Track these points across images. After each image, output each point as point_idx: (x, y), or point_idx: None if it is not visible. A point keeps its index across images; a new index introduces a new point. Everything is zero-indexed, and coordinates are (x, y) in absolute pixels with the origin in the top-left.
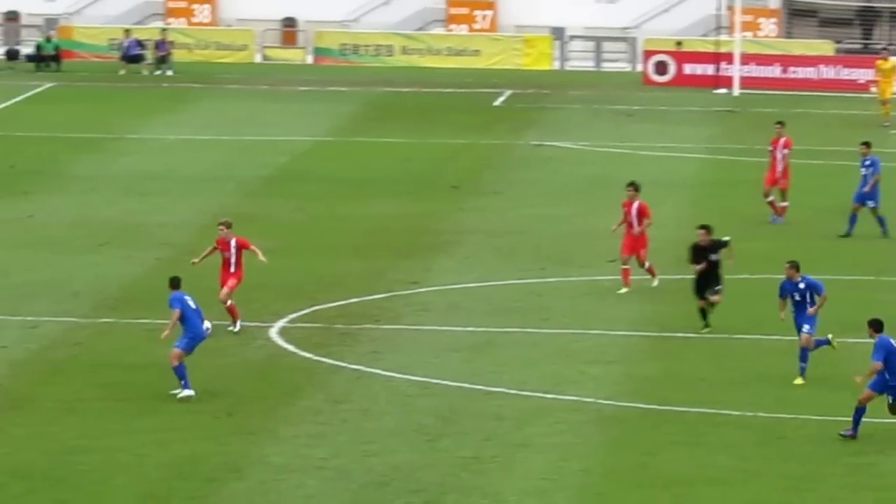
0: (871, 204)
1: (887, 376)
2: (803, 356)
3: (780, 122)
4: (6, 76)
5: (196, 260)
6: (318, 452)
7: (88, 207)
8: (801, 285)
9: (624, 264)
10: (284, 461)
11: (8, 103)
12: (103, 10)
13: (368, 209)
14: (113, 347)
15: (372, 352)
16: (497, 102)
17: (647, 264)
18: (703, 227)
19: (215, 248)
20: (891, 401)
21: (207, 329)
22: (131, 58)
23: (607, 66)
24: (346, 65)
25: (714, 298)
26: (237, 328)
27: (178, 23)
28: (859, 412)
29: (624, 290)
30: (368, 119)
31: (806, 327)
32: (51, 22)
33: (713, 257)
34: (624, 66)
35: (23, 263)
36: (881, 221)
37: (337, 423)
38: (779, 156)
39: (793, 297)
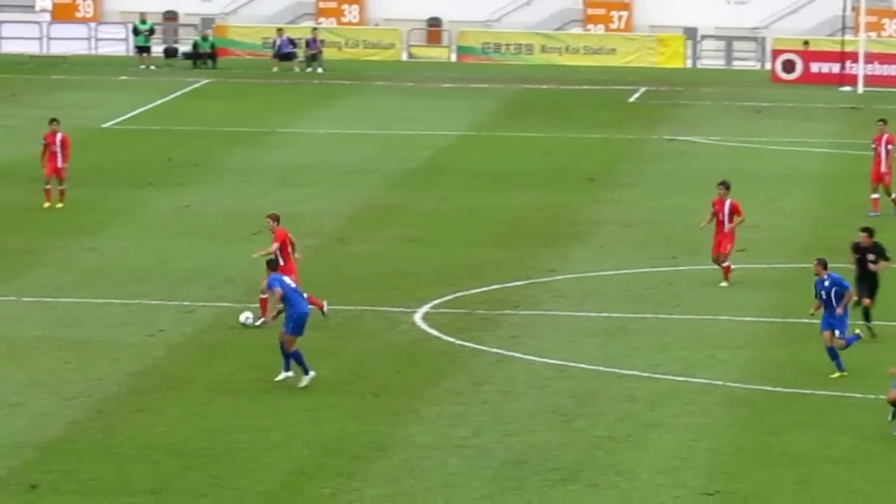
0: None
1: None
2: (832, 354)
3: (882, 120)
4: (165, 73)
5: (260, 253)
6: (460, 432)
7: (242, 198)
8: (826, 283)
9: (720, 263)
10: (428, 440)
11: (166, 99)
12: (257, 10)
13: (508, 200)
14: (264, 331)
15: (511, 336)
16: (632, 99)
17: (726, 263)
18: (866, 229)
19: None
20: None
21: (248, 318)
22: (284, 56)
23: (737, 65)
24: (488, 63)
25: (866, 302)
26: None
27: (328, 22)
28: None
29: (724, 284)
30: (509, 115)
31: (836, 332)
32: (207, 21)
33: (870, 258)
34: (753, 65)
35: (180, 251)
36: None
37: (478, 404)
38: (882, 152)
39: (820, 295)
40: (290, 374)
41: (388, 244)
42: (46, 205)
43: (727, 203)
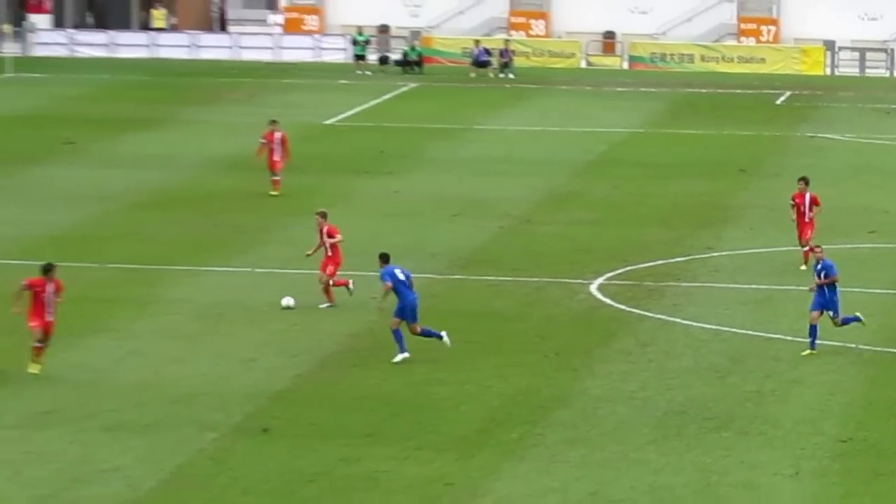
0: None
1: None
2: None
3: None
4: (378, 78)
5: (310, 252)
6: (629, 386)
7: (443, 185)
8: (819, 266)
9: (804, 247)
10: (601, 393)
11: (379, 100)
12: (458, 24)
13: (671, 188)
14: (463, 299)
15: (673, 304)
16: (778, 101)
17: (808, 246)
18: None
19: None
20: None
21: (289, 302)
22: (480, 63)
23: (869, 72)
24: (655, 70)
25: None
26: (325, 306)
27: (518, 35)
28: None
29: (803, 267)
30: (673, 114)
31: (830, 313)
32: (415, 34)
33: None
34: (883, 73)
35: (390, 230)
36: None
37: (644, 362)
38: None
39: (819, 276)
40: (407, 354)
41: (568, 225)
42: (274, 193)
43: (808, 196)
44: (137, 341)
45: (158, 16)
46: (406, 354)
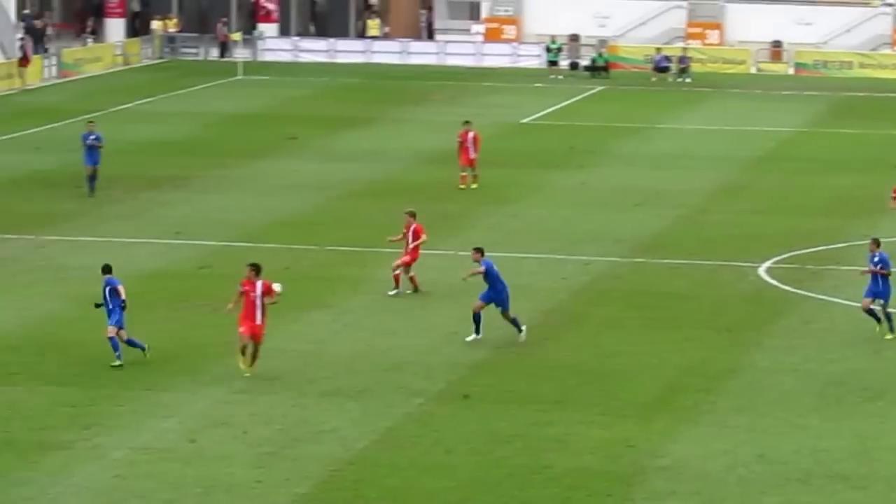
0: None
1: None
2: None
3: None
4: (569, 82)
5: (392, 238)
6: (793, 359)
7: (627, 177)
8: (876, 259)
9: None
10: (768, 365)
11: (569, 101)
12: (641, 33)
13: (832, 181)
14: (644, 280)
15: (833, 286)
16: None
17: None
18: None
19: (404, 234)
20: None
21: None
22: (661, 69)
23: None
24: (818, 76)
25: None
26: (392, 293)
27: (695, 43)
28: None
29: None
30: (834, 115)
31: (881, 301)
32: (602, 42)
33: None
34: None
35: (579, 217)
36: None
37: (807, 338)
38: None
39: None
40: (479, 336)
41: (739, 214)
42: (462, 187)
43: None
44: (352, 316)
45: (373, 25)
46: (479, 336)
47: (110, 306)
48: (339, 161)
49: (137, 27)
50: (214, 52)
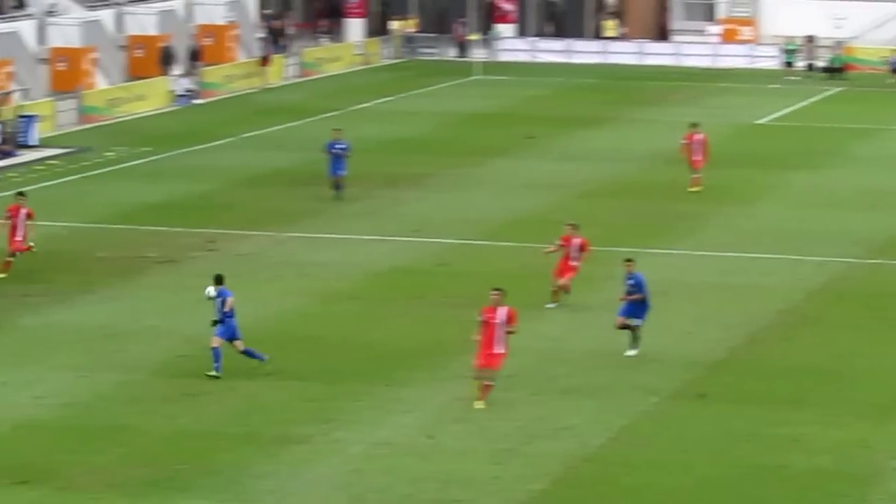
0: None
1: None
2: None
3: None
4: (805, 83)
5: (549, 250)
6: None
7: (863, 179)
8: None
9: None
10: None
11: (805, 103)
12: (877, 35)
13: None
14: (882, 281)
15: None
16: None
17: None
18: None
19: (561, 246)
20: None
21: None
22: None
23: None
24: None
25: None
26: (552, 306)
27: None
28: None
29: None
30: None
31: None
32: (839, 43)
33: None
34: None
35: (815, 218)
36: None
37: None
38: None
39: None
40: (635, 352)
41: None
42: (693, 189)
43: None
44: (589, 314)
45: (610, 26)
46: (634, 352)
47: (220, 317)
48: (575, 161)
49: (377, 28)
50: (452, 52)
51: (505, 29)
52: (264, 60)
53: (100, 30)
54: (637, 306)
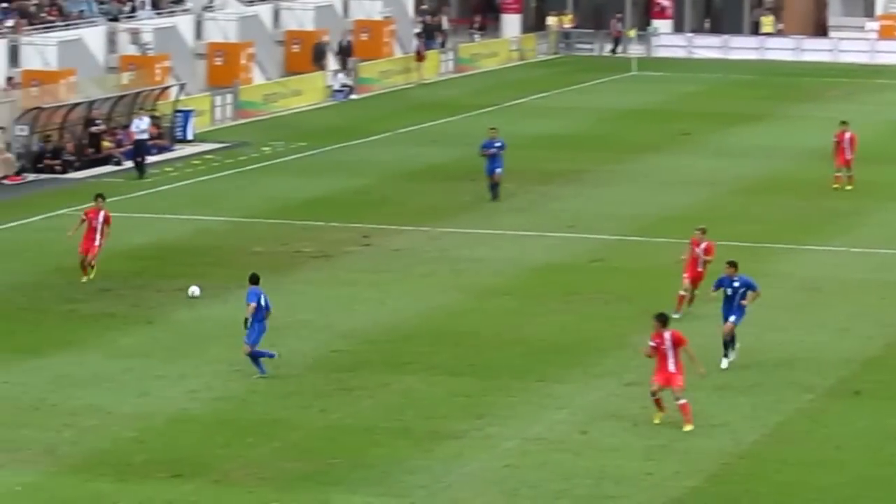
0: None
1: None
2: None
3: None
4: None
5: (683, 257)
6: None
7: None
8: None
9: None
10: None
11: None
12: None
13: None
14: None
15: None
16: None
17: None
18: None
19: (691, 251)
20: None
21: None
22: None
23: None
24: None
25: None
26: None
27: None
28: None
29: None
30: None
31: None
32: None
33: None
34: None
35: None
36: None
37: None
38: None
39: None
40: (729, 359)
41: None
42: (836, 186)
43: None
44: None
45: (767, 22)
46: (728, 361)
47: (251, 320)
48: (730, 157)
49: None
50: (608, 48)
51: (662, 25)
52: (420, 56)
53: (257, 25)
54: (740, 309)
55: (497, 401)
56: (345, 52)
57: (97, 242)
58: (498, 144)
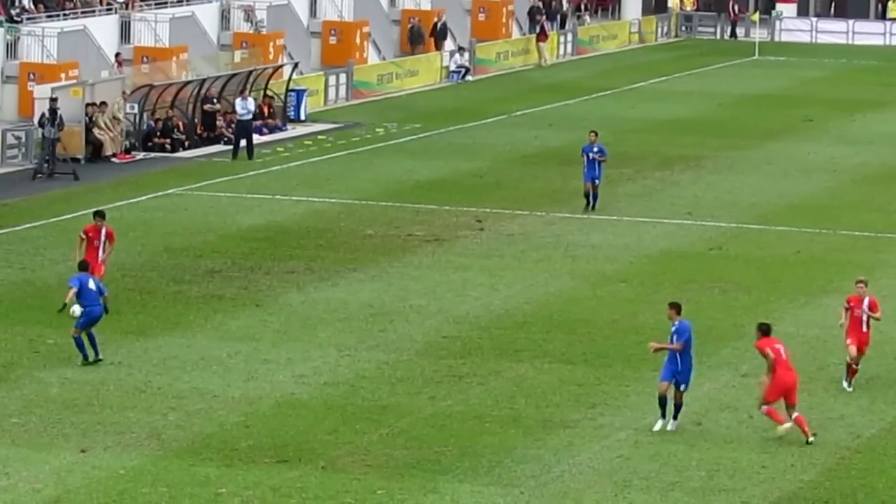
0: None
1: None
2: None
3: None
4: None
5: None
6: None
7: None
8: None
9: None
10: None
11: None
12: None
13: None
14: None
15: None
16: None
17: None
18: None
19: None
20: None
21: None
22: None
23: None
24: None
25: None
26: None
27: None
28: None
29: None
30: None
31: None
32: None
33: None
34: None
35: None
36: None
37: None
38: None
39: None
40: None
41: None
42: None
43: None
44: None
45: (894, 7)
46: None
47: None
48: (853, 144)
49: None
50: (729, 32)
51: (786, 9)
52: (541, 36)
53: (373, 3)
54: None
55: (610, 390)
56: (440, 35)
57: (101, 259)
58: (596, 149)
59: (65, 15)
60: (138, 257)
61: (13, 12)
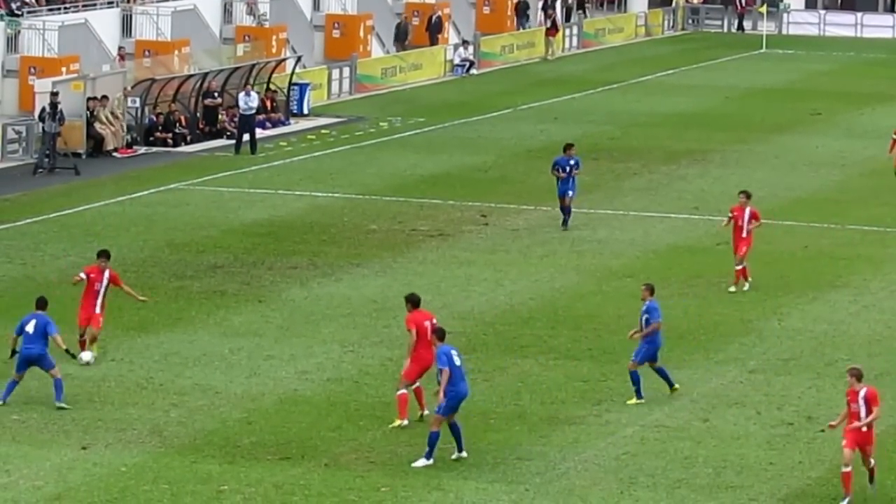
0: None
1: None
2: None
3: None
4: None
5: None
6: None
7: None
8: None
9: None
10: None
11: None
12: None
13: None
14: None
15: None
16: None
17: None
18: None
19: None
20: None
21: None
22: None
23: None
24: None
25: None
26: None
27: None
28: None
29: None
30: None
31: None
32: None
33: None
34: None
35: None
36: None
37: None
38: None
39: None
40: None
41: None
42: None
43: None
44: (872, 297)
45: None
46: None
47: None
48: (862, 138)
49: None
50: (736, 24)
51: (794, 2)
52: (550, 31)
53: None
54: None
55: (616, 386)
56: (434, 29)
57: (98, 309)
58: (573, 163)
59: (66, 8)
60: (140, 253)
61: (14, 6)
